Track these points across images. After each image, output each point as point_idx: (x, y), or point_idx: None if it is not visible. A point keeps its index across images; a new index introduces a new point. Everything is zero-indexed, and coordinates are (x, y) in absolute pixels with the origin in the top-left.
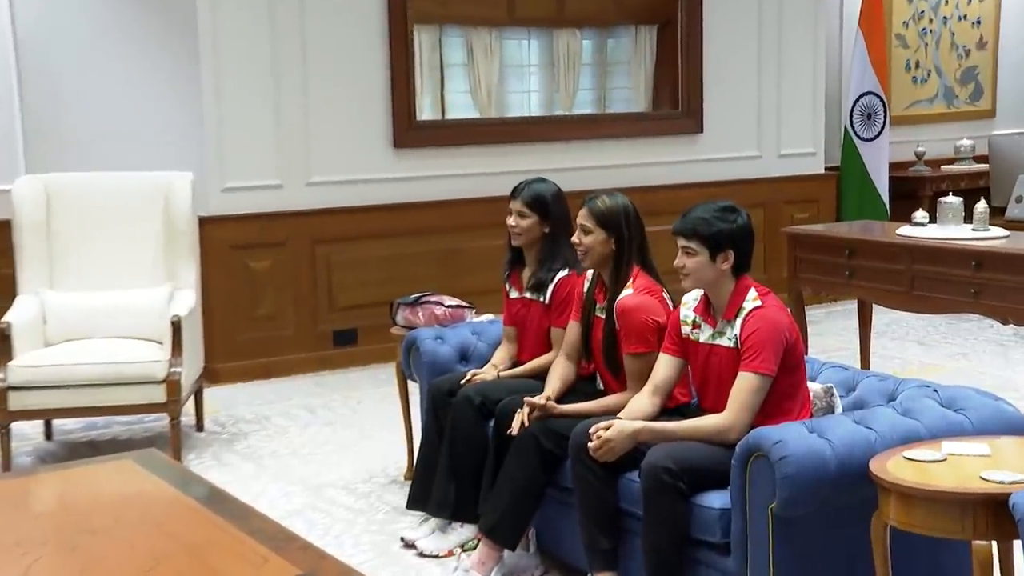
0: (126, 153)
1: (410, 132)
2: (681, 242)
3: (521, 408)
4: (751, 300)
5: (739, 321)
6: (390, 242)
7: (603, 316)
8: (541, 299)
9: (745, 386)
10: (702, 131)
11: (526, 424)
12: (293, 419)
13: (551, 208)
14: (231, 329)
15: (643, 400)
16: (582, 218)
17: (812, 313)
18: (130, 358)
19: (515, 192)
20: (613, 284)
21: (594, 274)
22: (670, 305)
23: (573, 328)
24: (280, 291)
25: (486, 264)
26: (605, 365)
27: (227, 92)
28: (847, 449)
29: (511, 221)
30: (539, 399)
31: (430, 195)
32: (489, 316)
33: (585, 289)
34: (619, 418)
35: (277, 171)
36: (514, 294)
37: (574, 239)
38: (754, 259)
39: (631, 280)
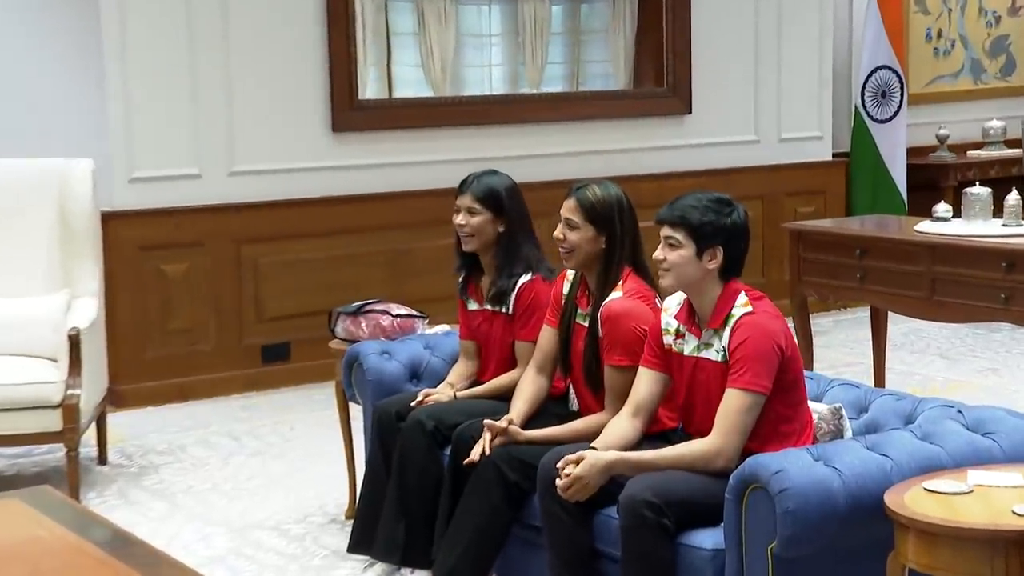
0: (17, 139)
1: (351, 113)
2: (665, 231)
3: (482, 433)
4: (741, 306)
5: (727, 330)
6: (328, 241)
7: (586, 324)
8: (504, 310)
9: (733, 405)
10: (690, 112)
11: (487, 452)
12: (214, 449)
13: (506, 203)
14: (140, 344)
15: (622, 424)
16: (568, 211)
17: (818, 322)
18: (19, 379)
19: (463, 186)
20: (600, 287)
21: (577, 275)
22: None
23: (549, 336)
24: (198, 299)
25: (440, 267)
26: (585, 381)
27: (135, 66)
28: (858, 480)
29: (460, 219)
30: (502, 422)
31: (375, 186)
32: (444, 327)
33: (566, 290)
34: (593, 447)
35: (194, 158)
36: (473, 306)
37: (556, 234)
38: (751, 259)
39: (620, 283)
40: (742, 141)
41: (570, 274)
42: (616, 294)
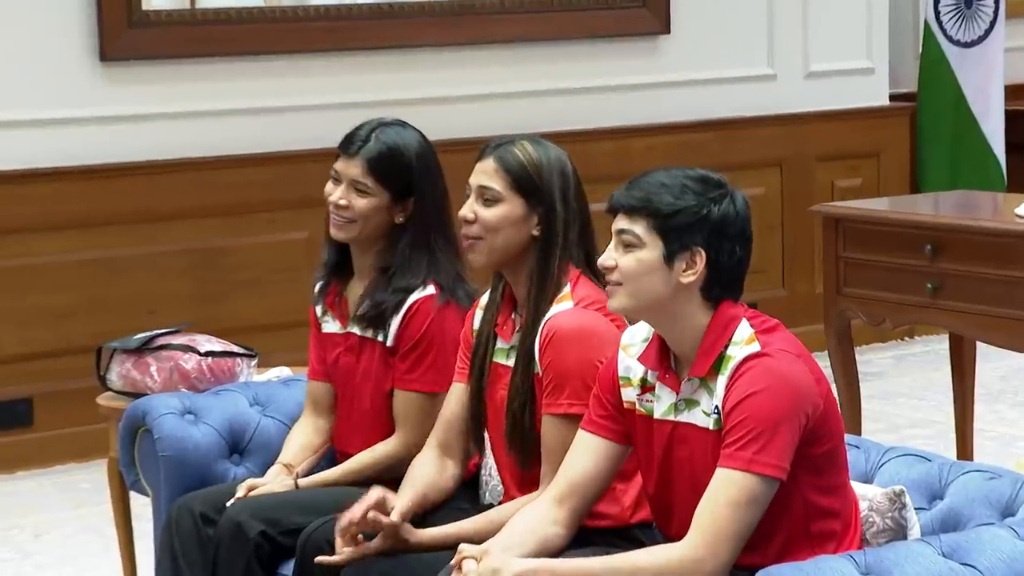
0: None
1: (130, 33)
2: (618, 223)
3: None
4: (742, 343)
5: (722, 380)
6: (93, 236)
7: (510, 362)
8: (380, 338)
9: (726, 495)
10: (669, 31)
11: (342, 559)
12: None
13: (414, 176)
14: None
15: (539, 512)
16: (483, 176)
17: (869, 359)
18: None
19: (347, 146)
20: (534, 298)
21: (497, 290)
22: None
23: (459, 397)
24: None
25: (277, 275)
26: (509, 447)
27: None
28: None
29: (337, 195)
30: (393, 515)
31: (167, 148)
32: (283, 371)
33: (478, 319)
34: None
35: None
36: (331, 327)
37: (463, 212)
38: (764, 261)
39: (568, 287)
40: (749, 77)
41: (484, 299)
42: (563, 305)
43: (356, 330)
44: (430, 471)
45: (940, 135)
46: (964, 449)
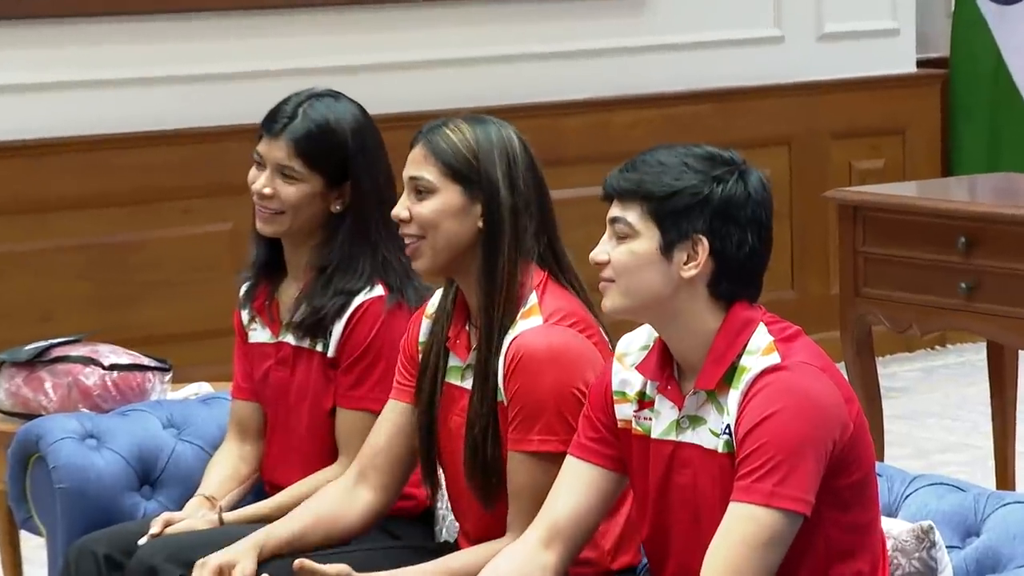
0: None
1: None
2: (612, 211)
3: None
4: (758, 352)
5: (735, 395)
6: None
7: (467, 384)
8: (319, 348)
9: (745, 533)
10: None
11: None
12: None
13: (350, 156)
14: None
15: (522, 558)
16: (413, 166)
17: (893, 371)
18: None
19: (270, 125)
20: (485, 304)
21: (450, 290)
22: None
23: (396, 417)
24: None
25: (194, 275)
26: (470, 481)
27: None
28: None
29: (261, 183)
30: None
31: (55, 124)
32: (203, 386)
33: (424, 334)
34: None
35: None
36: (261, 335)
37: (396, 212)
38: (771, 268)
39: (535, 297)
40: (751, 39)
41: (438, 294)
42: (531, 321)
43: (290, 339)
44: (333, 503)
45: (976, 108)
46: (1004, 477)
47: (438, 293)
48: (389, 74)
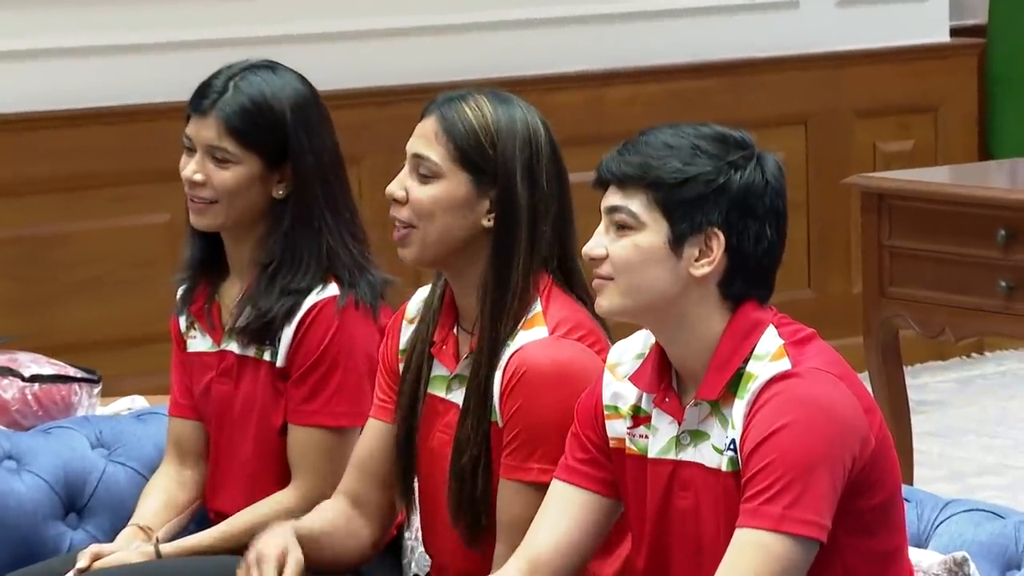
0: None
1: None
2: (608, 198)
3: None
4: (766, 357)
5: (740, 406)
6: None
7: (455, 398)
8: (267, 357)
9: (753, 562)
10: None
11: None
12: None
13: (291, 134)
14: None
15: None
16: (419, 142)
17: (924, 382)
18: None
19: (198, 102)
20: (490, 313)
21: (437, 286)
22: None
23: (376, 437)
24: None
25: (126, 273)
26: (455, 515)
27: None
28: None
29: (191, 169)
30: None
31: None
32: (136, 400)
33: (405, 340)
34: None
35: None
36: (200, 344)
37: (390, 189)
38: (786, 264)
39: (539, 305)
40: (763, 4)
41: (420, 295)
42: (535, 332)
43: (234, 347)
44: (336, 517)
45: (1018, 82)
46: None
47: (419, 293)
48: (345, 44)
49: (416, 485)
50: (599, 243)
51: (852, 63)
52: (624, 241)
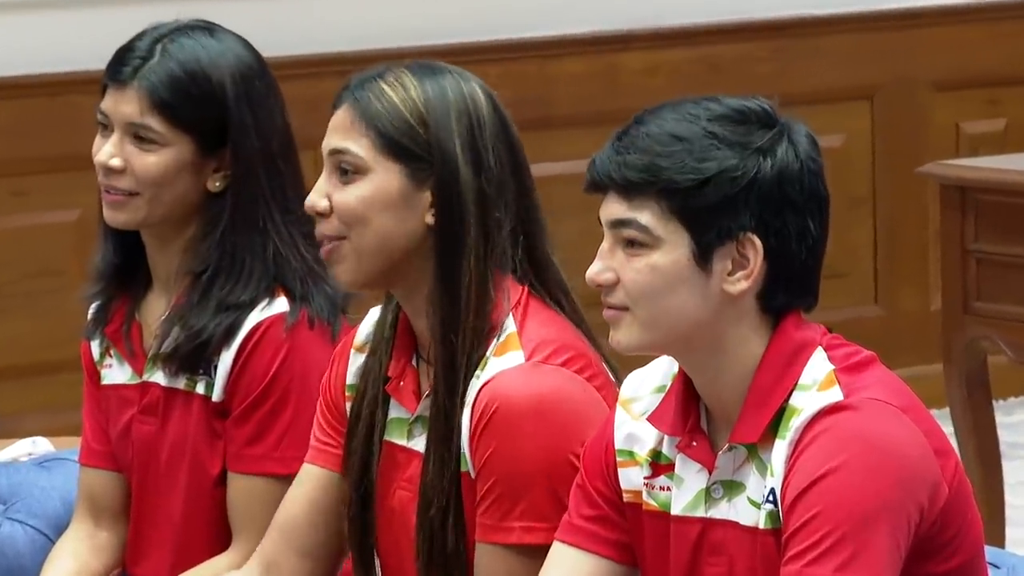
0: None
1: None
2: (611, 209)
3: None
4: (814, 386)
5: (781, 447)
6: None
7: (416, 445)
8: (200, 389)
9: None
10: None
11: None
12: None
13: (231, 110)
14: None
15: None
16: (336, 135)
17: (1020, 419)
18: None
19: (116, 71)
20: (441, 334)
21: (388, 310)
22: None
23: (309, 485)
24: None
25: (26, 284)
26: None
27: None
28: None
29: (105, 155)
30: None
31: None
32: (39, 442)
33: (353, 374)
34: None
35: None
36: (116, 374)
37: (310, 202)
38: (843, 257)
39: (512, 324)
40: None
41: (371, 317)
42: (509, 358)
43: (160, 378)
44: None
45: None
46: None
47: (371, 315)
48: (298, 1)
49: (376, 558)
50: (605, 266)
51: (930, 22)
52: (638, 263)
